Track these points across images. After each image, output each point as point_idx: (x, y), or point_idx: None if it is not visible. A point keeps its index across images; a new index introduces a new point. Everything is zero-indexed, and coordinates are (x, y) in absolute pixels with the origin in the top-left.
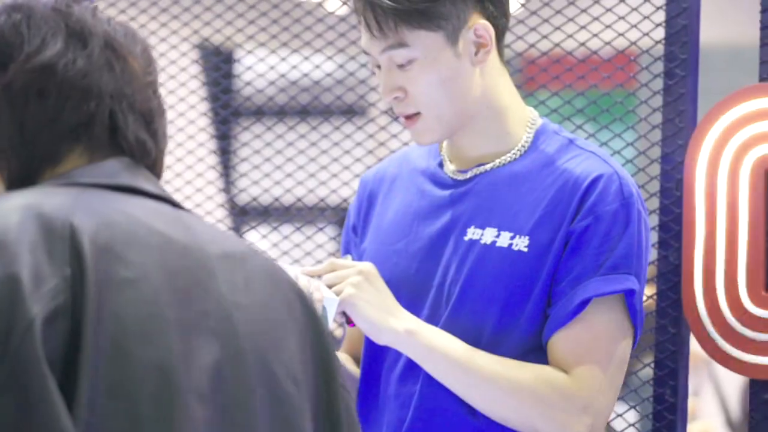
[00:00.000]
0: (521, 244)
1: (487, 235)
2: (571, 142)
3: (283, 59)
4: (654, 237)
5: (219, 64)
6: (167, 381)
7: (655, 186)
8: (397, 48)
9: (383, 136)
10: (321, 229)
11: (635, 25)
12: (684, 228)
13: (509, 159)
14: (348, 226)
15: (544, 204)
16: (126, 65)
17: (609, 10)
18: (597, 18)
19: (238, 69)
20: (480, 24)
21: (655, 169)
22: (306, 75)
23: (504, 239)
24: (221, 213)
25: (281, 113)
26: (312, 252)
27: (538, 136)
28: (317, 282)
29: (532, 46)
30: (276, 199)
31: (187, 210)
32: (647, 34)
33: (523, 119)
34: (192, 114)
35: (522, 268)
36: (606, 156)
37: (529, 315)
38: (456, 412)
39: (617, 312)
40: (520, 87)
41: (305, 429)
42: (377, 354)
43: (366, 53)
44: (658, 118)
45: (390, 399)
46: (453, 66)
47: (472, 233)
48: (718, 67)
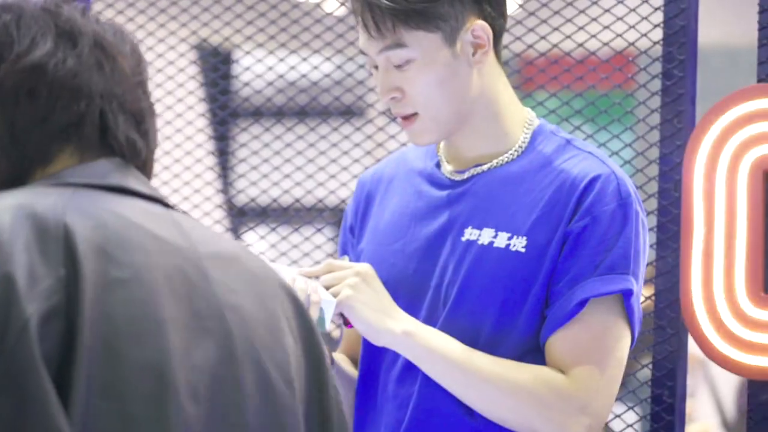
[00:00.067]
0: (519, 244)
1: (485, 236)
2: (569, 142)
3: (282, 60)
4: (652, 238)
5: (217, 65)
6: (161, 381)
7: (654, 187)
8: (395, 48)
9: (381, 137)
10: (319, 230)
11: (633, 26)
12: (682, 229)
13: (506, 159)
14: (345, 226)
15: (541, 204)
16: (116, 65)
17: (607, 11)
18: (595, 19)
19: (236, 70)
20: (478, 25)
21: (654, 170)
22: (304, 76)
23: (501, 240)
24: (219, 214)
25: (279, 114)
26: (310, 253)
27: (535, 136)
28: (315, 284)
29: (530, 47)
30: (274, 200)
31: (179, 210)
32: (645, 35)
33: (521, 120)
34: (190, 115)
35: (519, 268)
36: (603, 156)
37: (527, 316)
38: (454, 413)
39: (615, 312)
40: (518, 88)
41: (297, 429)
42: (375, 355)
43: (363, 54)
44: (656, 119)
45: (388, 400)
46: (450, 66)
47: (469, 234)
48: (716, 68)
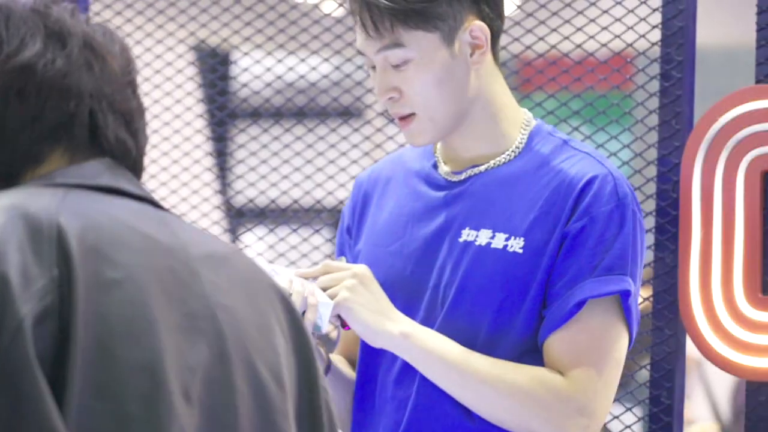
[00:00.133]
0: (516, 245)
1: (482, 237)
2: (566, 143)
3: (280, 61)
4: (650, 239)
5: (215, 66)
6: (154, 381)
7: (652, 188)
8: (393, 48)
9: (380, 138)
10: (317, 231)
11: (632, 27)
12: (680, 230)
13: (504, 160)
14: (342, 227)
15: (539, 205)
16: (105, 65)
17: (605, 12)
18: (593, 20)
19: (234, 71)
20: (476, 25)
21: (652, 171)
22: (302, 77)
23: (499, 241)
24: (217, 215)
25: (278, 115)
26: (308, 254)
27: (532, 137)
28: (312, 286)
29: (528, 48)
30: (272, 201)
31: (169, 211)
32: (644, 36)
33: (518, 121)
34: (188, 116)
35: (517, 269)
36: (600, 157)
37: (525, 317)
38: (452, 414)
39: (612, 313)
40: (516, 89)
41: (288, 429)
42: (373, 357)
43: (361, 54)
44: (654, 120)
45: (386, 402)
46: (448, 67)
47: (466, 235)
48: (714, 69)
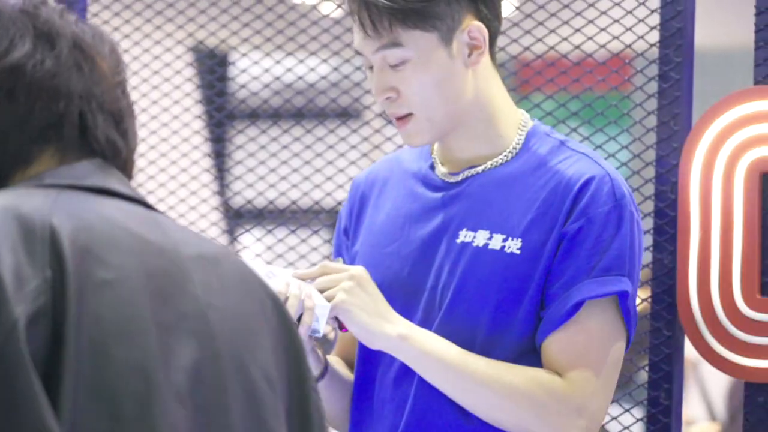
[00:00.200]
0: (514, 246)
1: (480, 238)
2: (563, 143)
3: (278, 62)
4: (648, 240)
5: (213, 66)
6: (147, 381)
7: (650, 189)
8: (391, 47)
9: (378, 138)
10: (315, 232)
11: (630, 28)
12: (679, 231)
13: (501, 161)
14: (339, 229)
15: (536, 206)
16: (94, 66)
17: (603, 13)
18: (591, 21)
19: (232, 72)
20: (474, 25)
21: (650, 172)
22: (301, 78)
23: (496, 241)
24: (216, 216)
25: (276, 116)
26: (306, 255)
27: (529, 138)
28: (309, 288)
29: (526, 49)
30: (270, 202)
31: (160, 211)
32: (642, 37)
33: (515, 121)
34: (186, 117)
35: (515, 270)
36: (598, 157)
37: (523, 317)
38: (450, 415)
39: (610, 314)
40: (514, 90)
41: (279, 429)
42: (371, 358)
43: (359, 54)
44: (652, 121)
45: (384, 403)
46: (446, 67)
47: (464, 236)
48: (712, 70)
